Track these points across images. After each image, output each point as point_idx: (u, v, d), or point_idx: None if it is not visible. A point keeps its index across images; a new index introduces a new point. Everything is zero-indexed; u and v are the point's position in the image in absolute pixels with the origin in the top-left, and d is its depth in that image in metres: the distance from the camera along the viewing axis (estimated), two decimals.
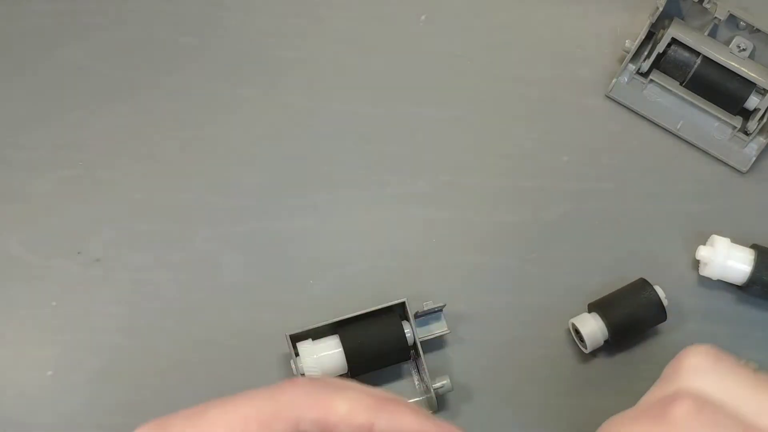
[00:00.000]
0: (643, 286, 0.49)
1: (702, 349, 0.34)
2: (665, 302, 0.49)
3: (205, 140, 0.54)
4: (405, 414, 0.32)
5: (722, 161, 0.55)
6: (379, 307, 0.47)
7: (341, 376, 0.47)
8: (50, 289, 0.51)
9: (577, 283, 0.52)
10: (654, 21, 0.53)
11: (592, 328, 0.49)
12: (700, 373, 0.33)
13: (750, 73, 0.52)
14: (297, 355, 0.46)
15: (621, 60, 0.56)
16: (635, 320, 0.49)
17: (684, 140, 0.55)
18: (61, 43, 0.55)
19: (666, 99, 0.55)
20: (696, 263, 0.52)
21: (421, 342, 0.48)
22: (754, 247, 0.51)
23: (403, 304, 0.48)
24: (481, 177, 0.54)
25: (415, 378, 0.50)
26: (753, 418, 0.31)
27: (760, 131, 0.54)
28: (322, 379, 0.33)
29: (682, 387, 0.33)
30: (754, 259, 0.50)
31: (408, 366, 0.50)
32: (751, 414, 0.32)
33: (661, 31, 0.54)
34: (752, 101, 0.53)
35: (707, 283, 0.52)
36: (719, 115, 0.54)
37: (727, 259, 0.50)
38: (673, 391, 0.33)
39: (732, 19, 0.53)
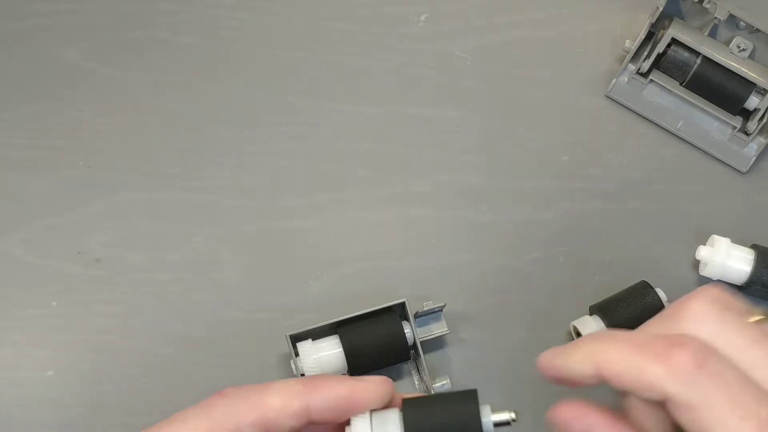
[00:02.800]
0: (645, 289, 0.49)
1: (709, 296, 0.33)
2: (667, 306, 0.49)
3: (205, 140, 0.54)
4: (334, 386, 0.33)
5: (722, 161, 0.55)
6: (379, 307, 0.47)
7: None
8: (50, 289, 0.51)
9: (577, 283, 0.52)
10: (654, 21, 0.53)
11: (594, 330, 0.49)
12: (704, 320, 0.32)
13: (750, 73, 0.52)
14: (297, 355, 0.46)
15: (621, 60, 0.56)
16: (637, 324, 0.49)
17: (684, 140, 0.55)
18: (61, 43, 0.55)
19: (666, 99, 0.55)
20: (696, 263, 0.52)
21: (421, 342, 0.48)
22: (754, 247, 0.51)
23: (403, 304, 0.48)
24: (481, 177, 0.54)
25: (415, 378, 0.50)
26: (747, 369, 0.31)
27: (760, 131, 0.54)
28: (247, 385, 0.34)
29: (685, 332, 0.32)
30: (754, 259, 0.50)
31: (408, 366, 0.50)
32: (746, 365, 0.31)
33: (661, 31, 0.54)
34: (752, 101, 0.53)
35: (707, 283, 0.52)
36: (719, 115, 0.54)
37: (727, 259, 0.50)
38: (677, 333, 0.32)
39: (732, 19, 0.53)
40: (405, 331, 0.47)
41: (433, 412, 0.33)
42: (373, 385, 0.34)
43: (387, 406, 0.34)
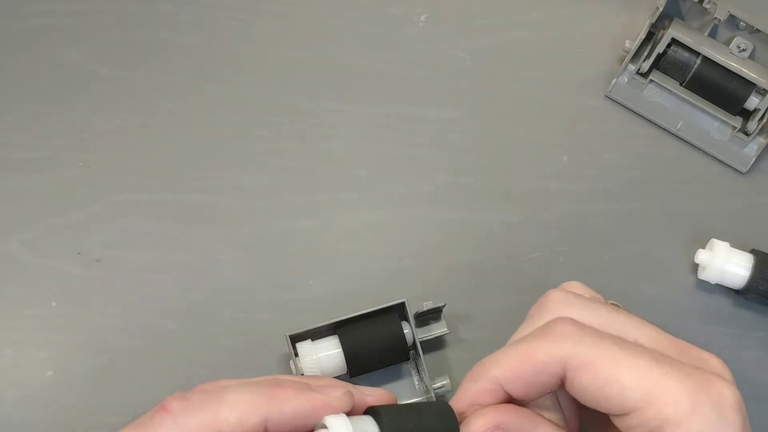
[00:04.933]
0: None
1: (560, 290, 0.36)
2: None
3: (205, 140, 0.54)
4: (294, 400, 0.32)
5: (722, 161, 0.55)
6: (379, 307, 0.47)
7: (340, 376, 0.47)
8: (50, 289, 0.51)
9: None
10: (654, 21, 0.53)
11: None
12: (565, 305, 0.35)
13: (750, 73, 0.52)
14: (296, 355, 0.46)
15: (621, 60, 0.56)
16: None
17: (684, 140, 0.55)
18: (61, 43, 0.55)
19: (666, 99, 0.55)
20: (695, 266, 0.52)
21: (421, 342, 0.48)
22: (753, 252, 0.51)
23: (402, 304, 0.48)
24: (481, 177, 0.54)
25: (415, 378, 0.50)
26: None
27: (760, 131, 0.54)
28: (197, 392, 0.32)
29: (555, 316, 0.34)
30: (753, 266, 0.50)
31: (408, 366, 0.50)
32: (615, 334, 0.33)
33: (661, 31, 0.54)
34: (752, 101, 0.53)
35: (706, 286, 0.52)
36: (719, 116, 0.54)
37: (726, 264, 0.50)
38: (547, 320, 0.34)
39: (732, 19, 0.53)
40: (404, 331, 0.47)
41: (409, 420, 0.33)
42: (336, 400, 0.33)
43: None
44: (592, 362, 0.32)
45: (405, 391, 0.49)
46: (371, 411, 0.34)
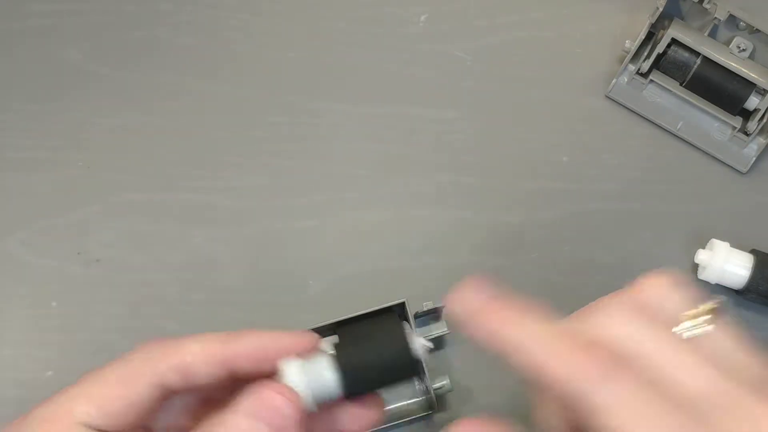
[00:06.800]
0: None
1: (630, 296, 0.33)
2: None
3: (205, 140, 0.54)
4: (258, 334, 0.34)
5: (722, 161, 0.55)
6: (379, 307, 0.47)
7: None
8: (50, 289, 0.51)
9: (576, 284, 0.52)
10: (654, 21, 0.53)
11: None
12: (623, 320, 0.32)
13: (750, 73, 0.52)
14: None
15: (621, 60, 0.55)
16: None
17: (684, 140, 0.55)
18: (61, 43, 0.55)
19: (666, 99, 0.55)
20: (695, 266, 0.52)
21: None
22: (753, 252, 0.51)
23: (402, 304, 0.47)
24: (481, 177, 0.54)
25: (415, 378, 0.49)
26: (655, 372, 0.31)
27: (760, 131, 0.54)
28: (171, 337, 0.34)
29: (599, 333, 0.32)
30: (753, 266, 0.50)
31: None
32: (656, 368, 0.31)
33: (661, 31, 0.54)
34: (752, 101, 0.53)
35: (706, 286, 0.52)
36: (719, 116, 0.54)
37: (726, 264, 0.50)
38: (591, 331, 0.32)
39: (732, 19, 0.53)
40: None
41: (364, 351, 0.34)
42: (298, 336, 0.34)
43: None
44: (603, 409, 0.30)
45: (405, 390, 0.49)
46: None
